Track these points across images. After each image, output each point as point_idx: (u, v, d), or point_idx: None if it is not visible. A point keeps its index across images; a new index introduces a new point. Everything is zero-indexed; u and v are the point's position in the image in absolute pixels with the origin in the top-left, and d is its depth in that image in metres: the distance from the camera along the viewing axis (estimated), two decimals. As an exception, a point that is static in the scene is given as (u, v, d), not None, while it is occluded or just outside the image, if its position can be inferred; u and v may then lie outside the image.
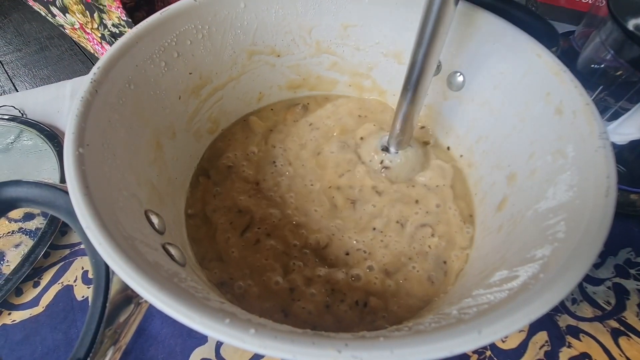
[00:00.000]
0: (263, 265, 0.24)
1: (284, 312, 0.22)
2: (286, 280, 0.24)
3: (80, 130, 0.17)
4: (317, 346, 0.12)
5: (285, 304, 0.23)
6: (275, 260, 0.25)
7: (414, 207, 0.27)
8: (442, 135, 0.31)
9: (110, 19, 0.28)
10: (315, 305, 0.23)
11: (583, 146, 0.19)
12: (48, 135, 0.38)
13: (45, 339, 0.27)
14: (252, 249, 0.25)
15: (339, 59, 0.31)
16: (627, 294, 0.29)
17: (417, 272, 0.24)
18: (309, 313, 0.22)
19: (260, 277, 0.24)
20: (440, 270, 0.25)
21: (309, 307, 0.23)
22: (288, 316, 0.22)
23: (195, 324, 0.12)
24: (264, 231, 0.26)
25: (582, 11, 0.45)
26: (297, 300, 0.23)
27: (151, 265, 0.15)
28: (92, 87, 0.19)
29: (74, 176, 0.16)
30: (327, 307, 0.23)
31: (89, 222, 0.14)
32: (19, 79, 0.98)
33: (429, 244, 0.26)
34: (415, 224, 0.26)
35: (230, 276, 0.24)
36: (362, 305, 0.23)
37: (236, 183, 0.28)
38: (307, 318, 0.22)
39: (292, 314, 0.22)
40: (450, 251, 0.26)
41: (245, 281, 0.24)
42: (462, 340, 0.13)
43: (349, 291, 0.24)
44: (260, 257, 0.25)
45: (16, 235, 0.31)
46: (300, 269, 0.24)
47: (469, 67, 0.27)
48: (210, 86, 0.28)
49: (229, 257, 0.25)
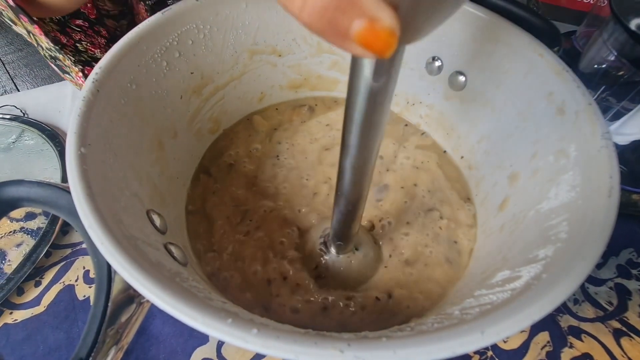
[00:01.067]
0: (250, 256, 0.24)
1: (264, 307, 0.23)
2: (264, 270, 0.24)
3: (83, 130, 0.17)
4: (320, 346, 0.12)
5: (265, 298, 0.23)
6: (262, 251, 0.25)
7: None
8: (443, 136, 0.31)
9: (41, 43, 0.27)
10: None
11: (585, 146, 0.19)
12: (49, 134, 0.38)
13: (46, 338, 0.27)
14: (242, 241, 0.25)
15: (339, 58, 0.31)
16: (629, 294, 0.29)
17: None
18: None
19: (244, 267, 0.24)
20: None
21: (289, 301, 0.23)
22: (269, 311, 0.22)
23: (198, 324, 0.12)
24: (254, 224, 0.26)
25: (584, 11, 0.45)
26: (276, 295, 0.23)
27: (153, 265, 0.15)
28: (94, 87, 0.19)
29: (76, 176, 0.16)
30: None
31: (91, 222, 0.14)
32: (20, 78, 0.98)
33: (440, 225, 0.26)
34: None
35: (219, 267, 0.24)
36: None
37: (235, 179, 0.28)
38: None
39: (272, 310, 0.22)
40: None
41: (230, 272, 0.24)
42: (465, 341, 0.13)
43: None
44: (247, 248, 0.25)
45: (18, 235, 0.31)
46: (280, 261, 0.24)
47: (470, 67, 0.27)
48: (212, 86, 0.28)
49: (223, 250, 0.25)
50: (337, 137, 0.31)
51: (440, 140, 0.31)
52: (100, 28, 0.32)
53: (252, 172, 0.29)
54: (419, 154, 0.30)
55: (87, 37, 0.32)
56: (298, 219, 0.27)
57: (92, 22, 0.32)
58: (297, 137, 0.31)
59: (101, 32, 0.32)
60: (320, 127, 0.32)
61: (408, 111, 0.32)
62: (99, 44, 0.32)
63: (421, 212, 0.27)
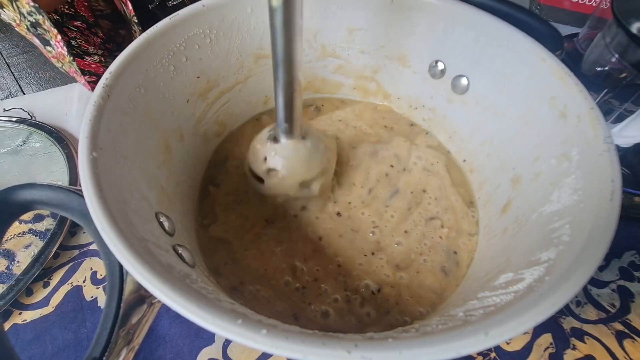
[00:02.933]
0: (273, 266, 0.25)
1: (295, 316, 0.23)
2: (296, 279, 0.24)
3: (94, 134, 0.18)
4: (327, 346, 0.13)
5: (297, 306, 0.23)
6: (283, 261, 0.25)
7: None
8: (445, 139, 0.31)
9: (23, 7, 0.28)
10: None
11: (588, 150, 0.19)
12: (56, 137, 0.38)
13: (55, 338, 0.28)
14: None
15: (344, 62, 0.32)
16: (632, 296, 0.29)
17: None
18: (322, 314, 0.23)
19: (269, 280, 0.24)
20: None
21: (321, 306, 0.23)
22: (298, 320, 0.23)
23: (209, 324, 0.13)
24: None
25: (586, 13, 0.45)
26: (309, 303, 0.23)
27: (164, 267, 0.15)
28: (105, 92, 0.20)
29: (88, 179, 0.16)
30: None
31: (104, 225, 0.15)
32: (25, 80, 0.99)
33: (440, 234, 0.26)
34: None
35: (241, 280, 0.24)
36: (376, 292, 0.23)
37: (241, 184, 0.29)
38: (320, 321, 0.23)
39: (304, 317, 0.23)
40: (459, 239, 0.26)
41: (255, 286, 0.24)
42: (469, 342, 0.13)
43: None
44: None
45: (26, 236, 0.32)
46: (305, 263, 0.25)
47: (473, 71, 0.27)
48: (217, 89, 0.29)
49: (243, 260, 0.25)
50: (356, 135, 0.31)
51: (444, 143, 0.31)
52: (97, 30, 0.33)
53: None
54: (430, 155, 0.30)
55: (83, 36, 0.32)
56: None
57: (90, 24, 0.32)
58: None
59: (98, 34, 0.33)
60: (335, 123, 0.33)
61: (411, 114, 0.33)
62: (94, 43, 0.33)
63: (422, 221, 0.27)
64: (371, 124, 0.33)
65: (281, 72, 0.19)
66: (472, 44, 0.26)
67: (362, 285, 0.24)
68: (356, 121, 0.33)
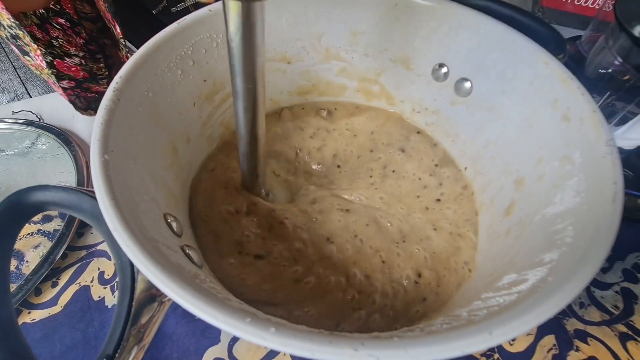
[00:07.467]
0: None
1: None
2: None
3: (105, 137, 0.18)
4: (335, 345, 0.13)
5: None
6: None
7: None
8: (449, 142, 0.31)
9: (4, 20, 0.28)
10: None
11: (590, 153, 0.19)
12: (64, 139, 0.39)
13: (63, 337, 0.28)
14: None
15: (347, 65, 0.32)
16: (635, 298, 0.29)
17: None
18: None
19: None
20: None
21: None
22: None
23: (220, 322, 0.13)
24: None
25: (589, 16, 0.45)
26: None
27: (175, 267, 0.15)
28: (115, 96, 0.20)
29: (101, 182, 0.16)
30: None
31: (117, 226, 0.15)
32: (31, 82, 1.00)
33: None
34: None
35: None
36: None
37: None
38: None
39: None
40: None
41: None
42: (474, 341, 0.13)
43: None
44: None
45: (35, 237, 0.32)
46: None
47: (476, 74, 0.27)
48: (223, 92, 0.29)
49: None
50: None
51: (447, 145, 0.32)
52: (80, 29, 0.33)
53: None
54: (433, 159, 0.31)
55: (66, 36, 0.32)
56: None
57: (75, 22, 0.32)
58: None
59: (81, 34, 0.33)
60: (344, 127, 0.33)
61: (414, 118, 0.33)
62: (76, 44, 0.33)
63: (423, 239, 0.27)
64: (376, 130, 0.33)
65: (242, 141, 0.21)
66: (476, 47, 0.26)
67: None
68: (362, 127, 0.33)
